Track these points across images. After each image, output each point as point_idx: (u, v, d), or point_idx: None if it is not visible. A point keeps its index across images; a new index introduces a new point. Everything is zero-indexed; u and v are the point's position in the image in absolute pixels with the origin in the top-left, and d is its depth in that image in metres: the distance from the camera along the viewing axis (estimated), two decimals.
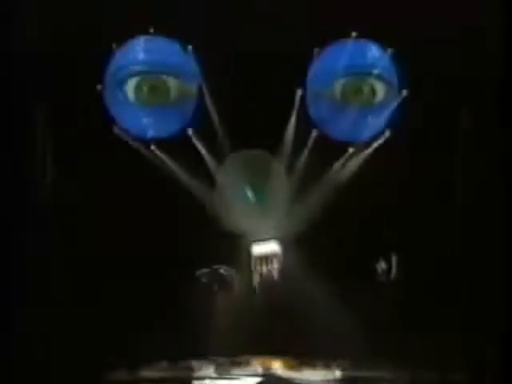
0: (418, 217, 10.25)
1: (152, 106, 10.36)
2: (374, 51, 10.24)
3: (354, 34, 10.05)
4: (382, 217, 10.28)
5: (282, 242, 10.72)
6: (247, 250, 10.68)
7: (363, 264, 10.43)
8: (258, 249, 10.72)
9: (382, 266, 10.37)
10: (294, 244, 10.48)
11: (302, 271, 10.24)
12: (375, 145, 10.47)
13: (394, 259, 10.39)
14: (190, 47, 10.15)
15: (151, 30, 10.07)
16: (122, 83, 10.26)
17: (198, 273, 10.30)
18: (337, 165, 10.64)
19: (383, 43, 10.11)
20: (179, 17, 9.81)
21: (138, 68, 10.24)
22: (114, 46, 10.10)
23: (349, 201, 10.36)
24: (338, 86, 10.38)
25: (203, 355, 9.69)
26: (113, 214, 10.14)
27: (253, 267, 10.70)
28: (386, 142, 10.38)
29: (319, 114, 10.51)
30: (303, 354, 9.75)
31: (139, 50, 10.21)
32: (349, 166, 10.64)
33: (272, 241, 10.72)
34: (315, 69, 10.36)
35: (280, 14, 9.92)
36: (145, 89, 10.29)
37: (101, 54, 10.00)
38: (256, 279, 10.69)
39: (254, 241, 10.67)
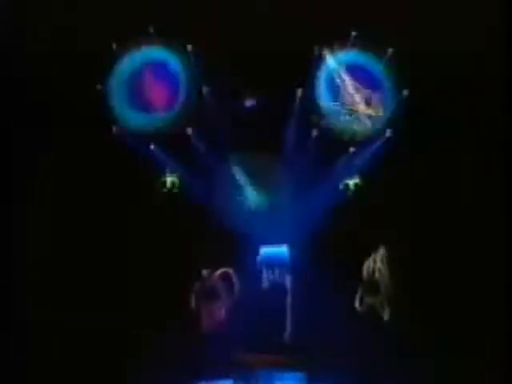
0: (418, 216, 10.25)
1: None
2: None
3: (353, 33, 10.07)
4: (383, 216, 10.26)
5: (285, 244, 10.70)
6: (254, 253, 10.66)
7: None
8: (265, 252, 10.68)
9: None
10: (298, 246, 10.48)
11: (308, 274, 10.26)
12: (376, 144, 10.46)
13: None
14: (189, 47, 10.16)
15: (151, 30, 10.09)
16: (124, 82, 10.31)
17: (204, 274, 10.28)
18: (338, 164, 10.63)
19: (383, 43, 10.09)
20: (179, 17, 9.81)
21: None
22: (114, 45, 10.10)
23: (350, 201, 10.40)
24: None
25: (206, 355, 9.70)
26: (112, 214, 10.19)
27: (259, 270, 10.67)
28: (386, 141, 10.36)
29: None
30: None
31: None
32: (350, 165, 10.63)
33: (277, 244, 10.70)
34: None
35: (280, 13, 9.92)
36: None
37: (101, 54, 9.99)
38: (263, 282, 10.65)
39: (260, 244, 10.66)
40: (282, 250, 10.67)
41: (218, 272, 10.23)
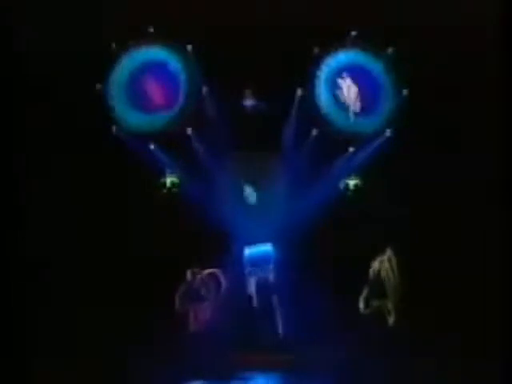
0: (418, 216, 10.24)
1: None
2: None
3: (353, 33, 10.09)
4: (382, 217, 10.25)
5: (279, 243, 10.70)
6: (242, 251, 10.66)
7: (362, 265, 10.37)
8: (252, 250, 10.68)
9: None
10: (292, 246, 10.47)
11: (298, 273, 10.25)
12: (375, 144, 10.46)
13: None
14: (189, 47, 10.16)
15: (151, 30, 10.10)
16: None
17: (191, 273, 10.27)
18: (337, 164, 10.63)
19: (383, 43, 10.11)
20: (179, 17, 9.83)
21: None
22: (113, 45, 10.11)
23: (349, 202, 10.40)
24: None
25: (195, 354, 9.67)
26: (112, 213, 10.19)
27: (246, 269, 10.66)
28: (386, 141, 10.37)
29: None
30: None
31: None
32: (349, 165, 10.63)
33: (267, 243, 10.69)
34: None
35: (280, 14, 9.94)
36: None
37: (101, 54, 10.00)
38: (249, 281, 10.64)
39: (249, 242, 10.65)
40: (267, 248, 10.66)
41: (207, 272, 10.28)
